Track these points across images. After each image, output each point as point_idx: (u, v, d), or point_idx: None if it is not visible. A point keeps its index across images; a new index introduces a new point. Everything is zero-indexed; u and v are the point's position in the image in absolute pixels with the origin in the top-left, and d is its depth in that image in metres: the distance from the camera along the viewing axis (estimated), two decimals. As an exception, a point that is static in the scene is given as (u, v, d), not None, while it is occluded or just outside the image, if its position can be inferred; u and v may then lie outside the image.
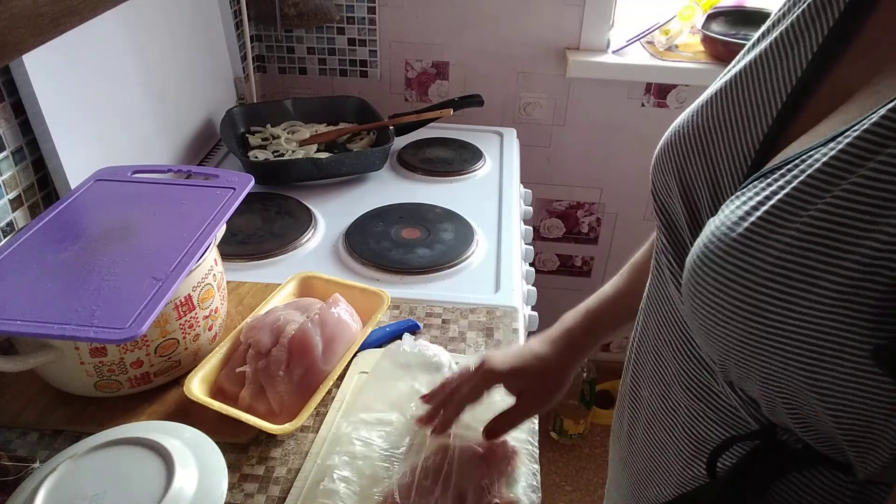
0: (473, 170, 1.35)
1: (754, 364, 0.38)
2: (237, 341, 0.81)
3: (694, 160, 0.46)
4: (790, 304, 0.34)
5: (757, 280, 0.36)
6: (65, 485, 0.59)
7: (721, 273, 0.37)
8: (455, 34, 1.61)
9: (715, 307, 0.38)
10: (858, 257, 0.32)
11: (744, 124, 0.44)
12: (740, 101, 0.45)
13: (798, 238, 0.34)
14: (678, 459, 0.51)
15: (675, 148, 0.48)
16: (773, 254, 0.35)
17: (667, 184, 0.49)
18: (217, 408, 0.72)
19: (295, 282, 0.93)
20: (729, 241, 0.37)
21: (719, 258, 0.38)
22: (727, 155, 0.44)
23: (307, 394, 0.75)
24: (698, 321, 0.40)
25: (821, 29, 0.41)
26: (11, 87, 0.87)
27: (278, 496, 0.68)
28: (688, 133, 0.47)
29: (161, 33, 1.21)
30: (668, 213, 0.50)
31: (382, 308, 0.87)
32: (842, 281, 0.33)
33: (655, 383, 0.53)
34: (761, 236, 0.36)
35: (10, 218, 0.89)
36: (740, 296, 0.36)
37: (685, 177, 0.47)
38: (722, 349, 0.39)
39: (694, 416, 0.48)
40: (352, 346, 0.81)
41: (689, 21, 1.60)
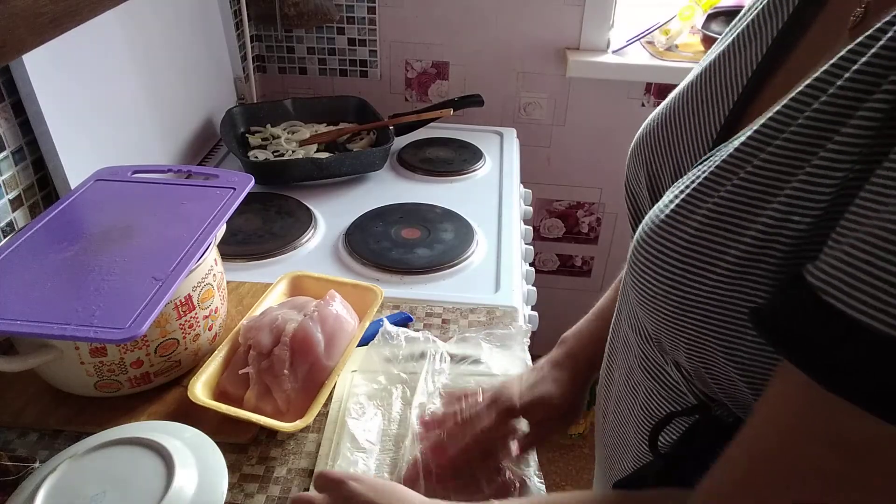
0: (473, 170, 1.35)
1: (680, 335, 0.41)
2: (236, 343, 0.81)
3: (661, 151, 0.50)
4: (703, 276, 0.38)
5: (676, 256, 0.39)
6: (65, 485, 0.59)
7: (650, 251, 0.41)
8: (455, 34, 1.61)
9: (646, 283, 0.42)
10: (755, 233, 0.36)
11: (705, 116, 0.47)
12: (703, 94, 0.48)
13: (709, 217, 0.38)
14: (636, 436, 0.54)
15: (645, 140, 0.52)
16: (690, 231, 0.39)
17: (637, 175, 0.52)
18: (225, 411, 0.72)
19: (286, 281, 0.92)
20: (658, 222, 0.41)
21: (650, 238, 0.41)
22: (689, 145, 0.47)
23: (312, 391, 0.75)
24: (636, 297, 0.44)
25: (776, 24, 0.44)
26: (11, 87, 0.87)
27: (278, 496, 0.68)
28: (657, 125, 0.51)
29: (161, 33, 1.21)
30: (636, 203, 0.54)
31: (377, 302, 0.87)
32: (742, 254, 0.36)
33: (622, 364, 0.57)
34: (681, 216, 0.40)
35: (10, 218, 0.89)
36: (663, 271, 0.40)
37: (652, 167, 0.50)
38: (654, 322, 0.43)
39: (649, 394, 0.52)
40: (352, 341, 0.82)
41: (689, 21, 1.60)
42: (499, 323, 0.92)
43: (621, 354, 0.57)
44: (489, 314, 0.94)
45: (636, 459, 0.55)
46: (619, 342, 0.58)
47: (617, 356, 0.58)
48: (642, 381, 0.53)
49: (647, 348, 0.51)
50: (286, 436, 0.74)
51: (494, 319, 0.93)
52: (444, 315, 0.94)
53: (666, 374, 0.50)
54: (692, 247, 0.38)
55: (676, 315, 0.40)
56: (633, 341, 0.54)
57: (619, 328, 0.58)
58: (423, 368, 0.80)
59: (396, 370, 0.81)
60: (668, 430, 0.50)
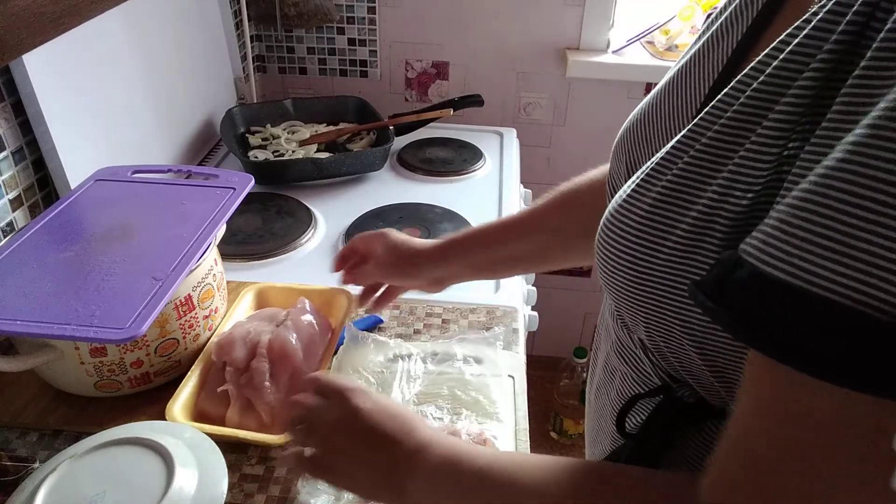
0: (473, 170, 1.35)
1: (638, 310, 0.43)
2: (209, 362, 0.79)
3: (640, 145, 0.51)
4: (655, 251, 0.40)
5: (632, 233, 0.41)
6: (65, 485, 0.59)
7: (610, 231, 0.43)
8: (455, 34, 1.61)
9: (607, 260, 0.44)
10: (700, 209, 0.38)
11: (679, 110, 0.49)
12: (680, 89, 0.49)
13: (661, 195, 0.40)
14: (611, 420, 0.55)
15: (626, 135, 0.53)
16: (644, 210, 0.41)
17: (618, 169, 0.54)
18: (209, 430, 0.69)
19: (251, 294, 0.90)
20: (617, 204, 0.44)
21: (611, 219, 0.44)
22: (666, 138, 0.49)
23: None
24: (601, 276, 0.46)
25: (747, 18, 0.46)
26: (11, 87, 0.87)
27: (278, 496, 0.68)
28: (637, 121, 0.52)
29: (161, 33, 1.21)
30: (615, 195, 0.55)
31: (348, 305, 0.87)
32: (689, 230, 0.38)
33: (604, 350, 0.58)
34: (637, 197, 0.42)
35: (10, 218, 0.89)
36: (621, 249, 0.42)
37: (631, 160, 0.52)
38: (616, 298, 0.45)
39: (623, 378, 0.54)
40: (330, 346, 0.81)
41: (688, 21, 1.60)
42: (499, 323, 0.92)
43: (603, 342, 0.59)
44: (489, 314, 0.94)
45: (612, 443, 0.56)
46: (602, 330, 0.60)
47: (600, 344, 0.60)
48: (618, 367, 0.54)
49: (620, 333, 0.53)
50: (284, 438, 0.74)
51: (494, 319, 0.93)
52: (445, 315, 0.94)
53: (636, 358, 0.52)
54: (645, 224, 0.41)
55: (633, 289, 0.42)
56: (610, 327, 0.56)
57: (602, 317, 0.61)
58: (396, 376, 0.80)
59: (366, 374, 0.80)
60: (637, 413, 0.52)
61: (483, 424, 0.74)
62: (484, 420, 0.75)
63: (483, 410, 0.76)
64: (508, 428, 0.75)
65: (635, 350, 0.52)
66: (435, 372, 0.81)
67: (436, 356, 0.83)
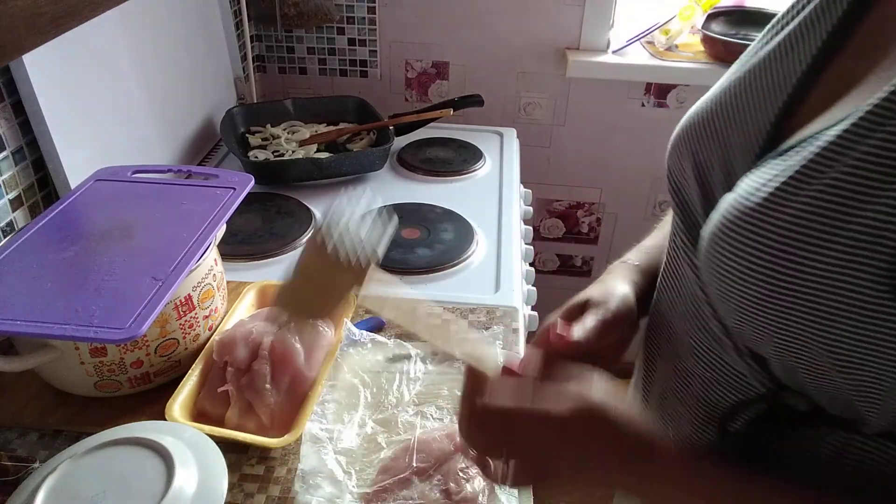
0: (473, 170, 1.35)
1: (770, 324, 0.41)
2: (209, 361, 0.78)
3: (709, 143, 0.50)
4: (803, 265, 0.38)
5: (772, 243, 0.39)
6: (65, 485, 0.59)
7: (739, 239, 0.41)
8: (455, 34, 1.61)
9: (733, 271, 0.42)
10: (861, 227, 0.36)
11: (756, 110, 0.48)
12: (754, 89, 0.49)
13: (809, 205, 0.38)
14: (690, 425, 0.54)
15: (691, 132, 0.53)
16: (787, 219, 0.39)
17: (682, 166, 0.53)
18: (209, 431, 0.68)
19: (253, 292, 0.90)
20: (745, 209, 0.41)
21: (737, 225, 0.42)
22: (741, 138, 0.48)
23: (296, 402, 0.74)
24: (717, 287, 0.44)
25: (826, 24, 0.46)
26: (11, 87, 0.87)
27: (278, 496, 0.68)
28: (704, 118, 0.52)
29: (161, 33, 1.21)
30: (681, 193, 0.54)
31: (351, 307, 0.87)
32: (850, 245, 0.37)
33: (669, 356, 0.56)
34: (776, 204, 0.40)
35: (9, 218, 0.89)
36: (757, 259, 0.40)
37: (699, 158, 0.51)
38: (739, 312, 0.43)
39: (706, 384, 0.51)
40: (332, 348, 0.81)
41: (689, 21, 1.60)
42: (499, 323, 0.92)
43: (667, 346, 0.56)
44: (489, 314, 0.94)
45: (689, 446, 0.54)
46: (662, 334, 0.57)
47: (661, 348, 0.57)
48: (698, 373, 0.52)
49: (702, 338, 0.51)
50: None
51: (494, 319, 0.93)
52: (444, 315, 0.93)
53: (726, 365, 0.49)
54: (791, 234, 0.39)
55: (769, 305, 0.40)
56: (681, 333, 0.53)
57: (661, 320, 0.58)
58: (396, 377, 0.79)
59: (363, 374, 0.80)
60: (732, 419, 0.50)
61: None
62: None
63: None
64: None
65: (724, 356, 0.49)
66: (435, 372, 0.81)
67: (436, 356, 0.83)
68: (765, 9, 1.65)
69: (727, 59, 1.55)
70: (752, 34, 1.61)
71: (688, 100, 1.65)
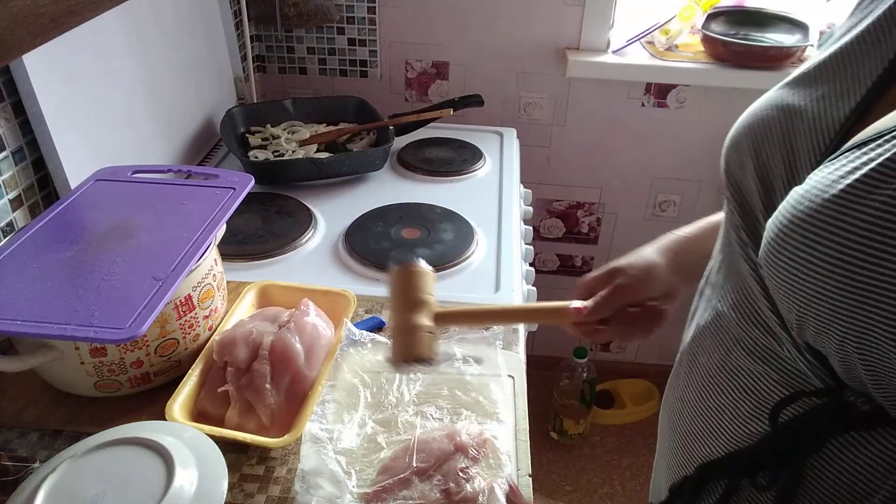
0: (473, 170, 1.35)
1: (838, 319, 0.40)
2: (209, 361, 0.78)
3: (772, 138, 0.50)
4: (881, 260, 0.37)
5: (849, 237, 0.39)
6: (65, 485, 0.59)
7: (812, 230, 0.41)
8: (455, 34, 1.61)
9: (804, 263, 0.41)
10: None
11: (826, 107, 0.48)
12: (824, 85, 0.49)
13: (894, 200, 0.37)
14: (734, 418, 0.53)
15: (752, 128, 0.53)
16: (870, 211, 0.38)
17: (742, 162, 0.53)
18: (209, 432, 0.68)
19: (254, 292, 0.90)
20: (821, 201, 0.41)
21: (810, 217, 0.41)
22: (807, 134, 0.48)
23: (295, 402, 0.74)
24: (782, 279, 0.43)
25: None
26: (11, 87, 0.87)
27: (278, 496, 0.68)
28: (767, 114, 0.52)
29: (161, 33, 1.21)
30: (740, 189, 0.54)
31: (351, 307, 0.87)
32: None
33: (715, 348, 0.56)
34: (857, 197, 0.39)
35: (10, 218, 0.89)
36: (830, 251, 0.39)
37: (761, 154, 0.51)
38: (803, 305, 0.42)
39: (757, 377, 0.51)
40: (332, 349, 0.81)
41: (689, 21, 1.60)
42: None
43: (711, 339, 0.56)
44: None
45: (734, 442, 0.53)
46: (709, 327, 0.57)
47: (705, 340, 0.57)
48: (747, 366, 0.52)
49: (753, 332, 0.51)
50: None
51: (494, 319, 0.93)
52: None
53: (780, 360, 0.49)
54: (872, 228, 0.38)
55: (838, 298, 0.39)
56: (731, 326, 0.53)
57: (706, 311, 0.58)
58: (396, 377, 0.79)
59: (363, 374, 0.80)
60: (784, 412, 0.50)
61: (483, 424, 0.74)
62: (484, 420, 0.75)
63: (483, 410, 0.76)
64: (508, 428, 0.75)
65: (779, 351, 0.49)
66: (434, 372, 0.81)
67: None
68: (764, 9, 1.65)
69: (727, 59, 1.56)
70: (752, 34, 1.61)
71: (687, 100, 1.65)
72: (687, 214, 1.80)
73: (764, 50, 1.54)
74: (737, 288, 0.53)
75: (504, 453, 0.70)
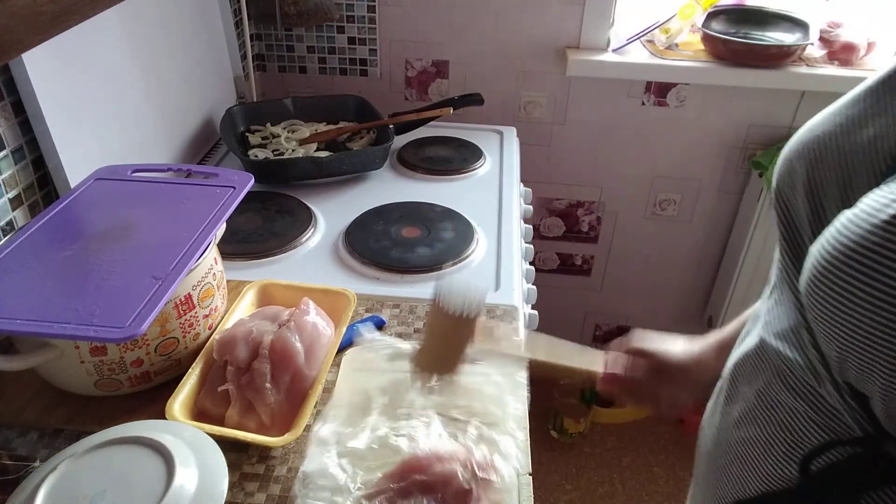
0: (473, 168, 1.35)
1: (880, 359, 0.37)
2: (209, 360, 0.78)
3: (827, 157, 0.47)
4: None
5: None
6: (65, 484, 0.59)
7: (855, 259, 0.37)
8: (455, 33, 1.61)
9: (843, 295, 0.37)
10: None
11: (889, 126, 0.44)
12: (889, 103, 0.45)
13: None
14: (767, 457, 0.50)
15: (807, 144, 0.49)
16: None
17: (793, 183, 0.49)
18: (209, 431, 0.68)
19: (254, 291, 0.90)
20: (868, 226, 0.37)
21: (856, 244, 0.37)
22: (866, 155, 0.44)
23: (296, 401, 0.74)
24: (820, 312, 0.39)
25: None
26: (11, 86, 0.87)
27: (279, 495, 0.68)
28: (824, 131, 0.48)
29: (161, 32, 1.20)
30: (789, 212, 0.51)
31: (350, 306, 0.86)
32: None
33: (756, 377, 0.53)
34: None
35: (9, 217, 0.89)
36: (875, 283, 0.36)
37: (815, 176, 0.47)
38: (844, 343, 0.38)
39: (794, 415, 0.48)
40: (331, 348, 0.81)
41: (689, 19, 1.60)
42: (499, 321, 0.92)
43: (752, 366, 0.53)
44: (489, 313, 0.94)
45: (766, 483, 0.51)
46: (753, 354, 0.54)
47: (747, 368, 0.54)
48: (785, 401, 0.49)
49: (794, 365, 0.48)
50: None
51: (494, 318, 0.93)
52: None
53: (819, 397, 0.46)
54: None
55: (884, 333, 0.35)
56: (773, 355, 0.50)
57: (752, 337, 0.55)
58: (407, 385, 0.77)
59: (376, 378, 0.79)
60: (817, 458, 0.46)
61: (483, 426, 0.73)
62: (484, 419, 0.75)
63: (483, 410, 0.76)
64: (508, 427, 0.75)
65: (819, 389, 0.46)
66: (446, 382, 0.80)
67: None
68: (765, 7, 1.65)
69: (727, 58, 1.56)
70: (752, 33, 1.61)
71: (688, 98, 1.65)
72: (687, 213, 1.80)
73: (764, 48, 1.54)
74: (783, 316, 0.51)
75: (508, 480, 0.69)
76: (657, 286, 1.94)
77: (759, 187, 1.65)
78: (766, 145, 1.66)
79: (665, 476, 1.88)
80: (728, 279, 1.80)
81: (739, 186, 1.76)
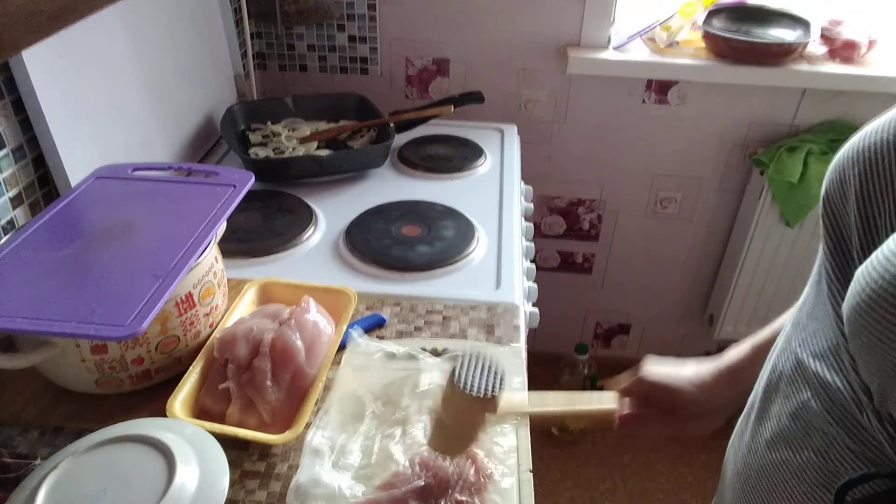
0: (474, 167, 1.35)
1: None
2: (210, 358, 0.78)
3: (883, 168, 0.43)
4: None
5: None
6: (66, 482, 0.59)
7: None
8: (456, 31, 1.61)
9: (889, 328, 0.35)
10: None
11: None
12: None
13: None
14: (800, 483, 0.48)
15: (862, 153, 0.45)
16: None
17: (844, 192, 0.46)
18: (210, 428, 0.68)
19: (255, 289, 0.90)
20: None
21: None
22: None
23: (296, 400, 0.74)
24: (862, 341, 0.37)
25: None
26: (11, 85, 0.87)
27: (279, 492, 0.68)
28: (882, 139, 0.44)
29: (161, 30, 1.20)
30: (837, 223, 0.47)
31: (351, 305, 0.86)
32: None
33: (790, 398, 0.50)
34: None
35: (10, 216, 0.89)
36: None
37: (869, 186, 0.44)
38: (887, 377, 0.36)
39: (831, 441, 0.45)
40: (332, 346, 0.81)
41: (690, 17, 1.60)
42: (500, 321, 0.92)
43: (787, 386, 0.50)
44: (490, 311, 0.94)
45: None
46: (786, 372, 0.51)
47: (780, 386, 0.52)
48: (822, 426, 0.46)
49: (835, 391, 0.45)
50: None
51: (495, 316, 0.93)
52: (445, 312, 0.93)
53: (859, 426, 0.43)
54: None
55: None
56: (810, 375, 0.47)
57: (784, 352, 0.52)
58: (403, 390, 0.77)
59: (370, 384, 0.78)
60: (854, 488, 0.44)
61: (491, 443, 0.73)
62: (491, 441, 0.74)
63: (492, 434, 0.75)
64: (509, 425, 0.74)
65: (859, 417, 0.43)
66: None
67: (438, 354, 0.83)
68: (765, 5, 1.65)
69: (728, 56, 1.55)
70: (753, 30, 1.60)
71: (689, 96, 1.65)
72: (688, 211, 1.80)
73: (765, 46, 1.53)
74: (821, 333, 0.47)
75: (505, 484, 0.69)
76: (658, 284, 1.94)
77: (760, 185, 1.65)
78: (767, 143, 1.66)
79: (666, 473, 1.88)
80: (729, 277, 1.80)
81: (740, 184, 1.76)
